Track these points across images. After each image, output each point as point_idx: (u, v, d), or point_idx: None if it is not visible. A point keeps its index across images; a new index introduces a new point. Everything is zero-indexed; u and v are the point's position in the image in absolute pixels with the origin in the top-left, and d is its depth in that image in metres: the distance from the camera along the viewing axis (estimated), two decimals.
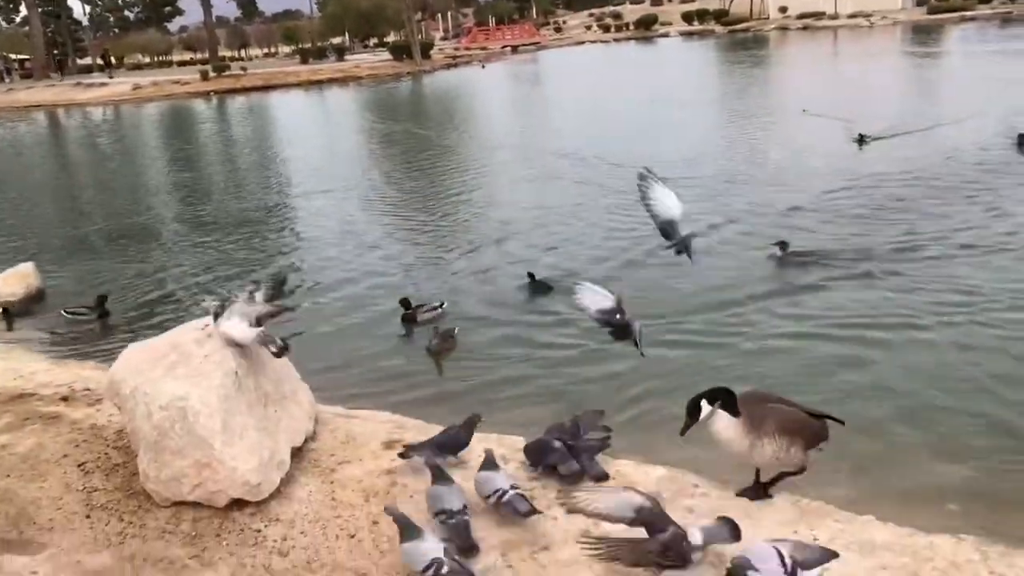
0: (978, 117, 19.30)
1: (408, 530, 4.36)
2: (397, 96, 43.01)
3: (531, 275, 10.52)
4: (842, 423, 4.78)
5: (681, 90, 32.25)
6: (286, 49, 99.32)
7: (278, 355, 5.07)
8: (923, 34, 50.58)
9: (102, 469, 5.31)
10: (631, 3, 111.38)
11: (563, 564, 4.28)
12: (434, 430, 5.72)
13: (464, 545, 4.43)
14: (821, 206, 13.09)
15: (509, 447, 5.44)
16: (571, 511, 4.40)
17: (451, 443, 5.30)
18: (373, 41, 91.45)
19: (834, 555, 3.83)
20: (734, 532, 4.07)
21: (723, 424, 4.54)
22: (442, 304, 9.92)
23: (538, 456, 5.18)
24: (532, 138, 23.71)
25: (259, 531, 4.76)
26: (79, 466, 5.34)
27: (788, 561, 3.68)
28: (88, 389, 6.46)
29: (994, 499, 5.33)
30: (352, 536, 4.67)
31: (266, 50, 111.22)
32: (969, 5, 63.81)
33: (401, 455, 5.26)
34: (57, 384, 6.65)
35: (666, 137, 21.45)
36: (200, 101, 48.98)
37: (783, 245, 10.55)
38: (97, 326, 10.31)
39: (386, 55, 68.90)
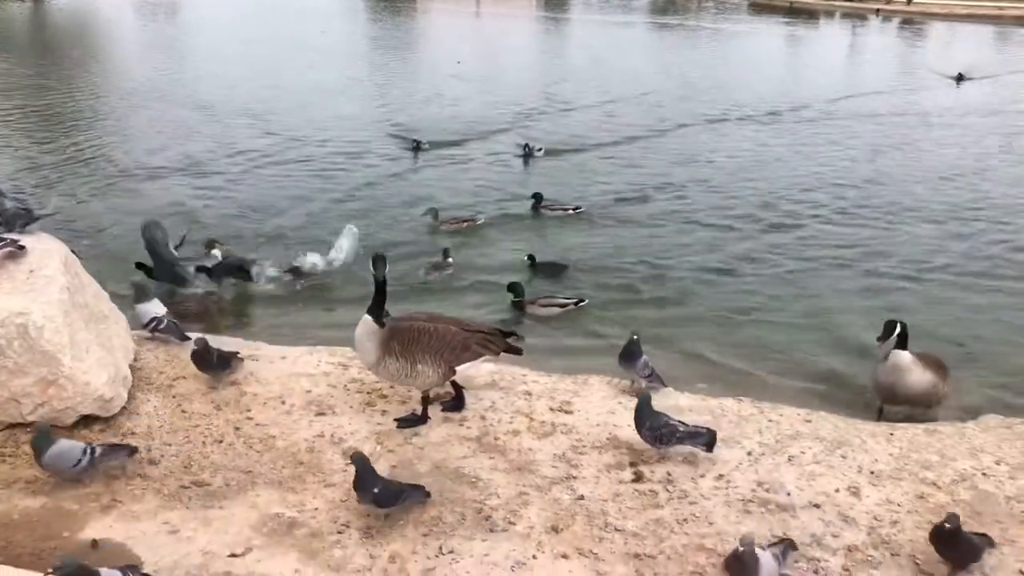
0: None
1: (140, 293, 5.91)
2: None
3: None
4: (517, 336, 5.16)
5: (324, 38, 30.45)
6: None
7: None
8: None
9: None
10: None
11: None
12: (250, 345, 5.88)
13: (179, 337, 5.76)
14: None
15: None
16: None
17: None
18: None
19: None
20: None
21: (362, 330, 4.68)
22: None
23: None
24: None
25: None
26: None
27: None
28: None
29: (726, 380, 6.57)
30: (220, 442, 4.75)
31: None
32: None
33: None
34: None
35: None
36: None
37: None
38: None
39: None
